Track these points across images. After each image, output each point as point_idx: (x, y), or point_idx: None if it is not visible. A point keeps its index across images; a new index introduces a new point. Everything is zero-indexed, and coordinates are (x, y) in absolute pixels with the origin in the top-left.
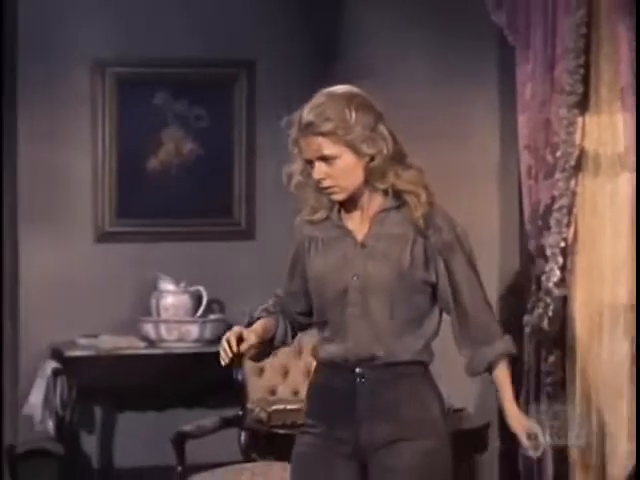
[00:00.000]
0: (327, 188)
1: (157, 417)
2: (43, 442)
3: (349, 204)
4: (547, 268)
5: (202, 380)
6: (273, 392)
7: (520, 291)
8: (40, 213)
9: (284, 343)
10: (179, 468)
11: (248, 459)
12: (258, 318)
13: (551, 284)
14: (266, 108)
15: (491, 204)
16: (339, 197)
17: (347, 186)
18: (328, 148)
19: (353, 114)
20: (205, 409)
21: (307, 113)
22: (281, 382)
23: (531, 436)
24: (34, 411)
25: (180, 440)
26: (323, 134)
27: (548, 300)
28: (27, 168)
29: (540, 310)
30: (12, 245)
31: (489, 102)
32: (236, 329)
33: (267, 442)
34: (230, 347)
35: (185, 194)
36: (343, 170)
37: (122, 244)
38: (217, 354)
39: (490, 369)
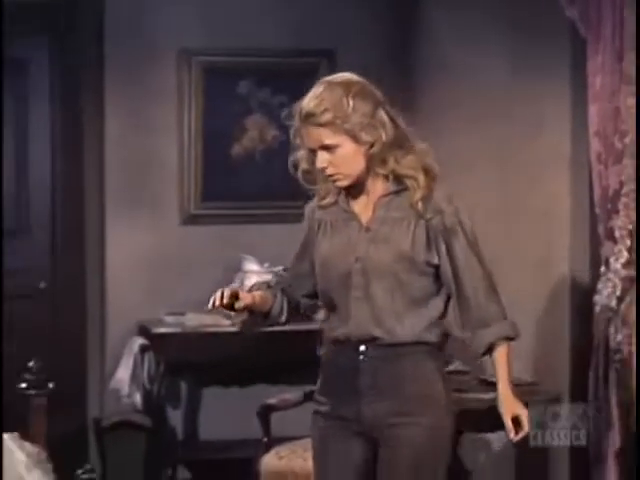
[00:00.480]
0: (330, 175)
1: (240, 392)
2: (130, 415)
3: (354, 189)
4: (615, 250)
5: (284, 356)
6: None
7: (590, 272)
8: (127, 197)
9: (277, 321)
10: (264, 439)
11: None
12: (258, 289)
13: (619, 265)
14: None
15: (563, 188)
16: (343, 184)
17: (350, 173)
18: (328, 137)
19: (351, 102)
20: (287, 385)
21: (306, 104)
22: None
23: (515, 419)
24: (121, 385)
25: (265, 413)
26: (322, 124)
27: (616, 280)
28: (114, 153)
29: (609, 290)
30: (99, 226)
31: (562, 93)
32: (233, 286)
33: None
34: (221, 297)
35: (268, 179)
36: (344, 158)
37: (207, 226)
38: (299, 332)
39: (490, 351)
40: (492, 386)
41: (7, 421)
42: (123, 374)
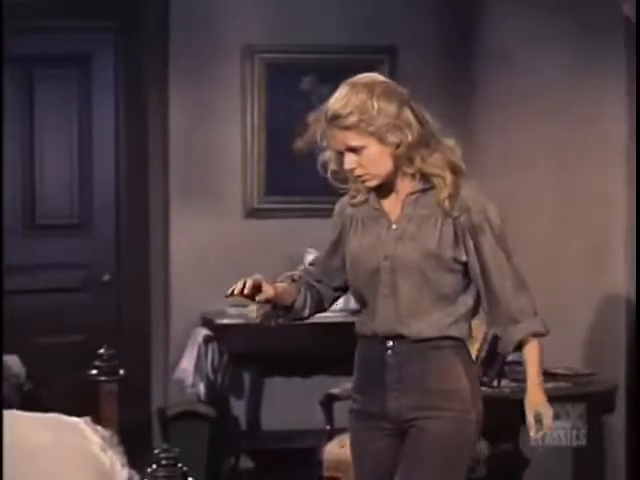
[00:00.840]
0: (359, 176)
1: (303, 382)
2: (194, 405)
3: (383, 187)
4: None
5: (346, 348)
6: None
7: None
8: (191, 190)
9: (300, 315)
10: (327, 428)
11: None
12: (281, 282)
13: None
14: (410, 91)
15: (619, 182)
16: (372, 184)
17: (378, 173)
18: (354, 140)
19: (375, 104)
20: (348, 375)
21: (331, 105)
22: None
23: (537, 418)
24: (185, 376)
25: (329, 402)
26: (348, 127)
27: None
28: (178, 146)
29: None
30: (163, 219)
31: (618, 87)
32: (257, 276)
33: None
34: (244, 287)
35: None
36: (371, 159)
37: (269, 220)
38: None
39: (520, 347)
40: (552, 377)
41: (77, 408)
42: (187, 364)
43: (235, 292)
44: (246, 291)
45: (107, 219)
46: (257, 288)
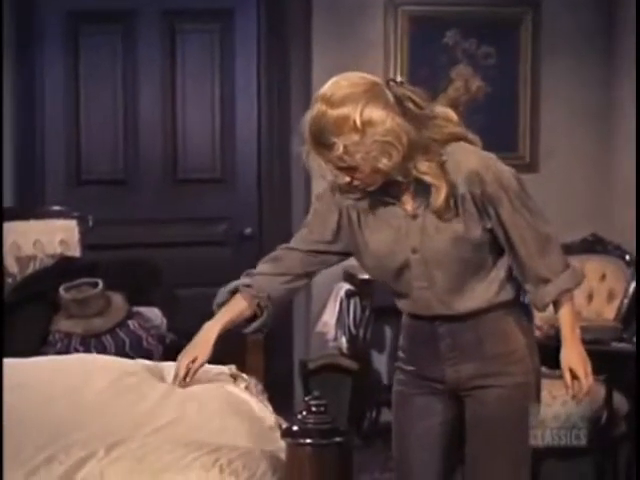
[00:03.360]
0: (357, 186)
1: None
2: (336, 358)
3: (388, 179)
4: None
5: None
6: None
7: None
8: None
9: (263, 328)
10: None
11: None
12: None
13: None
14: (551, 48)
15: None
16: (372, 189)
17: (375, 181)
18: (344, 162)
19: (358, 121)
20: None
21: (310, 127)
22: None
23: (574, 376)
24: (327, 329)
25: None
26: (335, 155)
27: None
28: None
29: None
30: (305, 176)
31: None
32: (187, 353)
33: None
34: (185, 375)
35: (472, 129)
36: (365, 175)
37: None
38: None
39: (555, 306)
40: None
41: (221, 358)
42: (329, 318)
43: (180, 381)
44: (187, 378)
45: (249, 173)
46: (192, 362)
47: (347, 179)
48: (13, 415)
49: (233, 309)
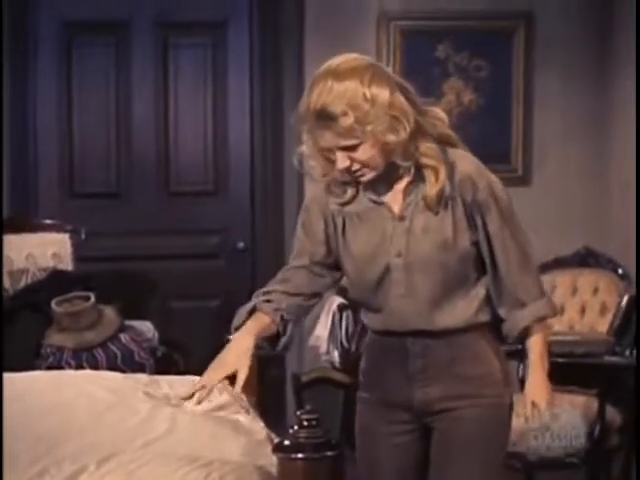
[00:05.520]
0: (354, 172)
1: None
2: (328, 372)
3: (377, 177)
4: None
5: None
6: None
7: None
8: None
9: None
10: None
11: None
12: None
13: None
14: (544, 59)
15: None
16: (368, 178)
17: (375, 166)
18: (348, 140)
19: (368, 93)
20: None
21: (317, 103)
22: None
23: (534, 405)
24: (319, 343)
25: None
26: (340, 129)
27: None
28: None
29: None
30: (298, 187)
31: None
32: (221, 371)
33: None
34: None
35: (464, 141)
36: (367, 154)
37: None
38: None
39: (526, 332)
40: None
41: None
42: (321, 332)
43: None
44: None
45: (242, 185)
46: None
47: (347, 163)
48: (5, 428)
49: (258, 323)
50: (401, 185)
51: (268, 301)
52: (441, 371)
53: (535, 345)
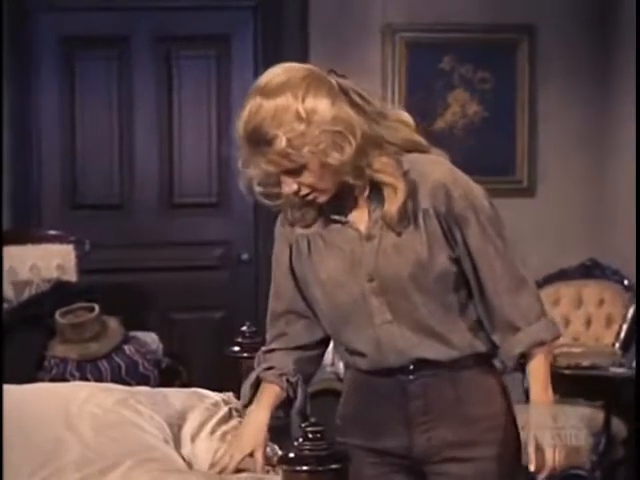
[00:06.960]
0: (305, 196)
1: None
2: (333, 383)
3: (338, 194)
4: None
5: None
6: None
7: None
8: None
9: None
10: None
11: None
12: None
13: None
14: (547, 71)
15: None
16: (322, 200)
17: (325, 188)
18: (289, 162)
19: (302, 110)
20: None
21: (247, 126)
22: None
23: (539, 449)
24: (325, 355)
25: None
26: (277, 153)
27: None
28: None
29: None
30: None
31: None
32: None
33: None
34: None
35: (469, 153)
36: (313, 177)
37: None
38: None
39: (524, 358)
40: None
41: (216, 384)
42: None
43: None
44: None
45: (245, 197)
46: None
47: (294, 187)
48: (5, 439)
49: (268, 393)
50: (363, 200)
51: (270, 368)
52: (447, 412)
53: (536, 373)
